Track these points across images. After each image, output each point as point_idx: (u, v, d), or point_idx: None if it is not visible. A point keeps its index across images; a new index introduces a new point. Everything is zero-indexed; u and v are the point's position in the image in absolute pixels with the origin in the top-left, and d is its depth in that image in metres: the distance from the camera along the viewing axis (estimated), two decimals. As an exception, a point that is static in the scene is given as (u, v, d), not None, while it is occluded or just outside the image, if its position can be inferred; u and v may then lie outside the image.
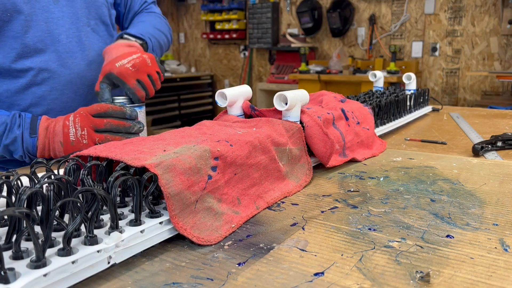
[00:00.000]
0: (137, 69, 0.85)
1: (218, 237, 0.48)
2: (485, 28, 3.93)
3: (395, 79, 3.62)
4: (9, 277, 0.32)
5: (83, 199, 0.43)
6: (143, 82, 0.86)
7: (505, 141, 0.92)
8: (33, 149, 0.78)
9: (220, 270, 0.41)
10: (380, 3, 4.39)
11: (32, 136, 0.78)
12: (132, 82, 0.84)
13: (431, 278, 0.39)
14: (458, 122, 1.24)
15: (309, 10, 4.54)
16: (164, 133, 0.62)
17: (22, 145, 0.77)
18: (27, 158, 0.79)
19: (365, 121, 0.89)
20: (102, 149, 0.51)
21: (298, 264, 0.42)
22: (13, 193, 0.43)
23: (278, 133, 0.65)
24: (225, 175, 0.54)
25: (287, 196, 0.62)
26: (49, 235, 0.36)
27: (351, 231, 0.49)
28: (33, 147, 0.78)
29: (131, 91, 0.84)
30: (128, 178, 0.43)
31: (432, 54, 4.22)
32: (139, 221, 0.44)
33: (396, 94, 1.17)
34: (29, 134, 0.78)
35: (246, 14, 5.21)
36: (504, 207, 0.56)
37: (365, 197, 0.61)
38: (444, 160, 0.80)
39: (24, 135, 0.78)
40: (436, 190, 0.63)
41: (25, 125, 0.78)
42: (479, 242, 0.46)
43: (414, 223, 0.51)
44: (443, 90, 4.23)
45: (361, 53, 4.59)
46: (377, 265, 0.41)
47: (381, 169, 0.75)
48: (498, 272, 0.40)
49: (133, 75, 0.84)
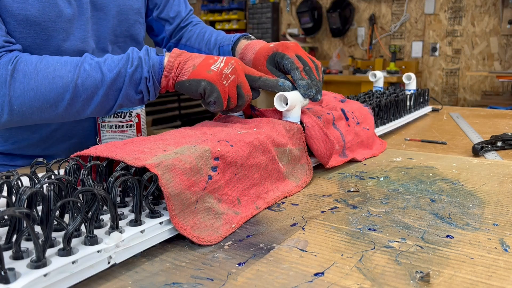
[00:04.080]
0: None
1: (218, 237, 0.48)
2: (485, 28, 3.94)
3: (395, 79, 3.62)
4: (9, 277, 0.32)
5: (83, 199, 0.43)
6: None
7: (505, 141, 0.92)
8: (160, 68, 0.67)
9: (220, 270, 0.41)
10: (380, 3, 4.39)
11: (158, 54, 0.68)
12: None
13: (431, 278, 0.39)
14: (458, 122, 1.24)
15: (309, 10, 4.55)
16: (165, 133, 0.62)
17: (148, 63, 0.67)
18: (150, 82, 0.68)
19: (365, 121, 0.89)
20: (103, 149, 0.51)
21: (298, 264, 0.42)
22: (13, 193, 0.43)
23: (279, 133, 0.65)
24: (225, 175, 0.54)
25: (287, 197, 0.62)
26: (49, 235, 0.36)
27: (351, 231, 0.49)
28: (160, 65, 0.67)
29: (293, 65, 0.75)
30: (128, 178, 0.43)
31: (432, 54, 4.22)
32: (139, 221, 0.44)
33: (396, 94, 1.17)
34: (155, 53, 0.69)
35: (246, 14, 5.21)
36: (504, 207, 0.56)
37: (365, 197, 0.61)
38: (444, 160, 0.80)
39: (150, 54, 0.68)
40: (436, 190, 0.63)
41: (150, 49, 0.70)
42: (479, 242, 0.46)
43: (414, 223, 0.51)
44: (443, 90, 4.23)
45: (361, 53, 4.59)
46: (377, 265, 0.41)
47: (381, 169, 0.75)
48: (498, 272, 0.40)
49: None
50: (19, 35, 0.73)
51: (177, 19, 1.01)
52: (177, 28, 1.02)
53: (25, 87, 0.65)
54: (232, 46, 0.91)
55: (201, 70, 0.65)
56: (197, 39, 0.99)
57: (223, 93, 0.65)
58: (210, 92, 0.64)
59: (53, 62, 0.66)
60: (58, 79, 0.65)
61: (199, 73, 0.65)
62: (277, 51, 0.76)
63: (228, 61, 0.67)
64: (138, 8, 0.92)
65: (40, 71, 0.65)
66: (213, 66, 0.66)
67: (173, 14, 1.01)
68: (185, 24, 1.03)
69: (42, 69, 0.65)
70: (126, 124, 0.83)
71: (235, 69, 0.67)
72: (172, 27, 1.01)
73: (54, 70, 0.66)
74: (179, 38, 1.02)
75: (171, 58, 0.67)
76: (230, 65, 0.66)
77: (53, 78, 0.65)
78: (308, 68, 0.74)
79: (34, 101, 0.66)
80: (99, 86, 0.67)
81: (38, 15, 0.73)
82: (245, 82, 0.68)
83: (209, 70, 0.65)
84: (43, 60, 0.66)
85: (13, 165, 0.87)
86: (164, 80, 0.68)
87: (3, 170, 0.86)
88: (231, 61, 0.67)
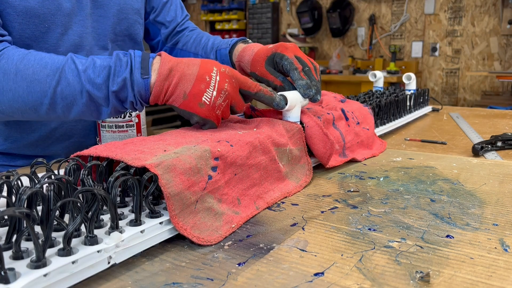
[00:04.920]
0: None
1: (218, 237, 0.48)
2: (485, 28, 3.94)
3: (395, 79, 3.62)
4: (9, 277, 0.32)
5: (83, 199, 0.43)
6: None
7: (505, 141, 0.92)
8: (146, 93, 0.62)
9: (220, 270, 0.41)
10: (380, 3, 4.40)
11: (143, 77, 0.61)
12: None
13: (431, 278, 0.39)
14: (458, 122, 1.24)
15: (309, 10, 4.55)
16: (165, 133, 0.62)
17: (133, 88, 0.61)
18: (138, 105, 0.64)
19: (365, 121, 0.89)
20: (103, 149, 0.51)
21: (298, 264, 0.42)
22: (13, 193, 0.43)
23: (279, 133, 0.65)
24: (225, 175, 0.54)
25: (287, 197, 0.62)
26: (49, 235, 0.36)
27: (351, 231, 0.49)
28: (146, 91, 0.61)
29: (292, 65, 0.74)
30: (128, 178, 0.43)
31: (432, 54, 4.22)
32: (139, 221, 0.44)
33: (396, 94, 1.17)
34: (140, 72, 0.61)
35: (246, 14, 5.21)
36: (504, 207, 0.56)
37: (365, 197, 0.61)
38: (444, 160, 0.80)
39: (134, 76, 0.61)
40: (436, 190, 0.63)
41: (135, 64, 0.62)
42: (479, 242, 0.46)
43: (414, 223, 0.51)
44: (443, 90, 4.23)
45: (361, 53, 4.59)
46: (377, 265, 0.41)
47: (381, 169, 0.75)
48: (498, 272, 0.40)
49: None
50: (18, 27, 0.73)
51: (173, 23, 1.02)
52: (173, 32, 1.03)
53: (4, 87, 0.63)
54: (229, 49, 0.91)
55: (192, 102, 0.61)
56: (193, 44, 0.99)
57: (216, 121, 0.64)
58: (203, 123, 0.64)
59: (34, 62, 0.63)
60: (36, 83, 0.62)
61: (190, 106, 0.61)
62: (276, 51, 0.76)
63: (221, 86, 0.62)
64: (138, 9, 0.93)
65: (19, 71, 0.62)
66: (205, 96, 0.61)
67: (169, 18, 1.01)
68: (181, 29, 1.03)
69: (21, 69, 0.63)
70: (126, 124, 0.83)
71: (228, 95, 0.63)
72: (167, 31, 1.02)
73: (34, 73, 0.62)
74: (175, 43, 1.02)
75: (158, 82, 0.61)
76: (223, 93, 0.62)
77: (31, 81, 0.62)
78: (307, 69, 0.74)
79: (13, 102, 0.63)
80: (78, 97, 0.62)
81: (38, 7, 0.74)
82: (239, 101, 0.66)
83: (201, 103, 0.61)
84: (24, 59, 0.63)
85: (13, 165, 0.87)
86: (153, 101, 0.63)
87: (3, 170, 0.86)
88: (224, 86, 0.62)
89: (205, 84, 0.61)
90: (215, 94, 0.61)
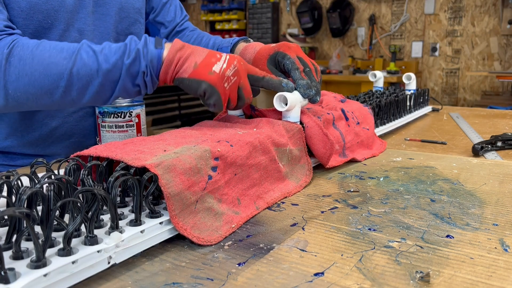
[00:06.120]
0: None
1: (218, 237, 0.48)
2: (485, 28, 3.94)
3: (395, 79, 3.62)
4: (9, 277, 0.32)
5: (83, 199, 0.43)
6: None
7: (505, 141, 0.92)
8: (158, 63, 0.64)
9: (220, 270, 0.41)
10: (380, 3, 4.40)
11: (157, 47, 0.65)
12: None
13: (431, 278, 0.39)
14: (458, 122, 1.24)
15: (309, 10, 4.55)
16: (165, 133, 0.62)
17: (147, 57, 0.64)
18: (148, 77, 0.65)
19: (365, 121, 0.89)
20: (103, 149, 0.51)
21: (298, 264, 0.42)
22: (13, 193, 0.43)
23: (279, 133, 0.65)
24: (225, 175, 0.54)
25: (287, 197, 0.62)
26: (49, 235, 0.36)
27: (351, 231, 0.49)
28: (158, 60, 0.64)
29: (294, 65, 0.75)
30: (128, 178, 0.43)
31: (432, 54, 4.22)
32: (139, 221, 0.44)
33: (396, 94, 1.17)
34: (154, 45, 0.65)
35: (246, 14, 5.21)
36: (504, 207, 0.56)
37: (365, 197, 0.61)
38: (444, 160, 0.80)
39: (149, 46, 0.64)
40: (436, 190, 0.63)
41: (149, 39, 0.66)
42: (479, 242, 0.46)
43: (414, 223, 0.51)
44: (443, 90, 4.23)
45: (361, 53, 4.59)
46: (377, 265, 0.41)
47: (381, 169, 0.75)
48: (498, 272, 0.40)
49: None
50: (22, 22, 0.74)
51: (172, 23, 1.03)
52: (172, 32, 1.03)
53: (20, 72, 0.64)
54: (231, 48, 0.91)
55: (202, 70, 0.63)
56: (194, 43, 1.00)
57: (223, 95, 0.64)
58: (210, 94, 0.64)
59: (49, 47, 0.65)
60: (53, 66, 0.64)
61: (200, 74, 0.63)
62: (279, 50, 0.77)
63: (231, 61, 0.65)
64: (139, 8, 0.94)
65: (36, 56, 0.64)
66: (215, 66, 0.64)
67: (169, 18, 1.02)
68: (180, 29, 1.04)
69: (37, 54, 0.64)
70: (126, 124, 0.83)
71: (237, 71, 0.65)
72: (167, 31, 1.03)
73: (50, 56, 0.64)
74: None
75: (171, 52, 0.64)
76: (232, 67, 0.65)
77: (48, 64, 0.64)
78: (308, 70, 0.74)
79: (29, 86, 0.64)
80: (94, 76, 0.64)
81: (42, 3, 0.75)
82: (247, 84, 0.68)
83: (211, 72, 0.63)
84: (40, 45, 0.65)
85: (13, 165, 0.87)
86: (162, 75, 0.65)
87: (3, 170, 0.86)
88: (234, 62, 0.65)
89: (216, 58, 0.65)
90: (225, 66, 0.64)
